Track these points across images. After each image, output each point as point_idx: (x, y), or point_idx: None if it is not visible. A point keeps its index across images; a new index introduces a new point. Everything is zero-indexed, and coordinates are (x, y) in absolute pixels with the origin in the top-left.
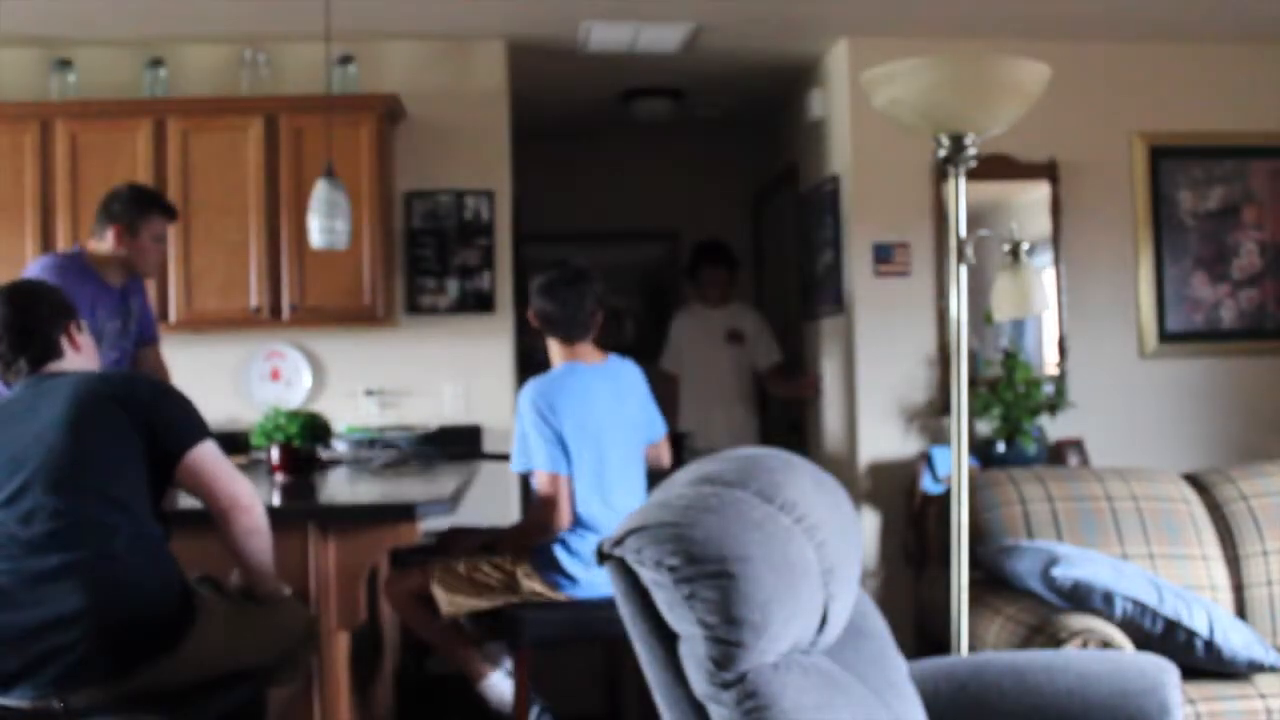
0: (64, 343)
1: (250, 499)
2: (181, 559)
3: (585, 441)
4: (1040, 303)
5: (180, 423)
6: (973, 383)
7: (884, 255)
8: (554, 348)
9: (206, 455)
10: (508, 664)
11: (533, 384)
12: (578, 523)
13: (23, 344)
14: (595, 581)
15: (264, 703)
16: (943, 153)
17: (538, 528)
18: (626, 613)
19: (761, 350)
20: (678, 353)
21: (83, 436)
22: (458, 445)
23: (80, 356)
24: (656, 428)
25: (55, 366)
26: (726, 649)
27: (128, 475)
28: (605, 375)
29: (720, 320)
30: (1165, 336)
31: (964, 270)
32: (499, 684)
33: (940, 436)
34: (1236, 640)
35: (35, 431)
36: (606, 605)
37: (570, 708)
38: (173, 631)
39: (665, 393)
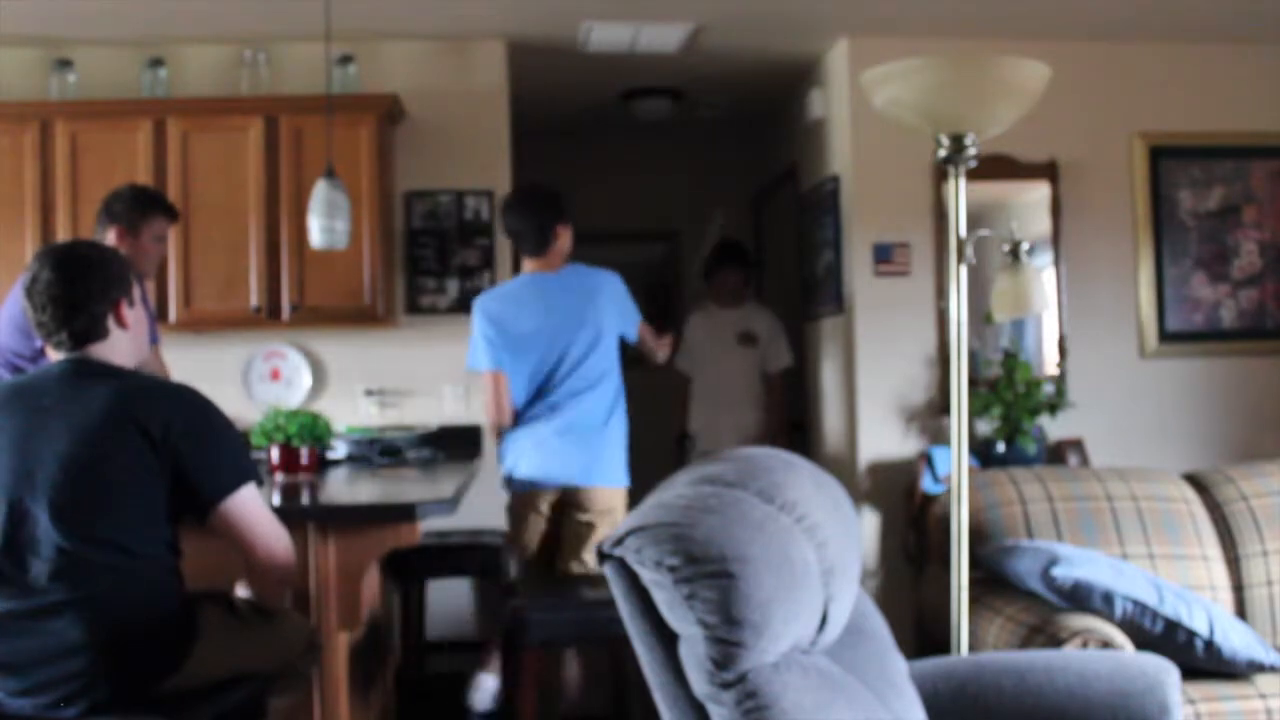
0: (111, 322)
1: (285, 555)
2: (188, 568)
3: (528, 344)
4: (1040, 303)
5: (216, 469)
6: (973, 383)
7: (884, 255)
8: (523, 262)
9: (242, 505)
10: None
11: (483, 293)
12: (524, 412)
13: (67, 318)
14: (526, 464)
15: (264, 705)
16: (943, 153)
17: (491, 424)
18: (626, 612)
19: (772, 353)
20: (689, 353)
21: (104, 479)
22: (458, 445)
23: (128, 336)
24: (624, 323)
25: (98, 350)
26: (726, 649)
27: (145, 523)
28: (558, 283)
29: (733, 321)
30: (1165, 336)
31: (964, 270)
32: (486, 682)
33: (940, 436)
34: (1236, 640)
35: (58, 450)
36: (610, 605)
37: (572, 708)
38: (176, 653)
39: (676, 393)
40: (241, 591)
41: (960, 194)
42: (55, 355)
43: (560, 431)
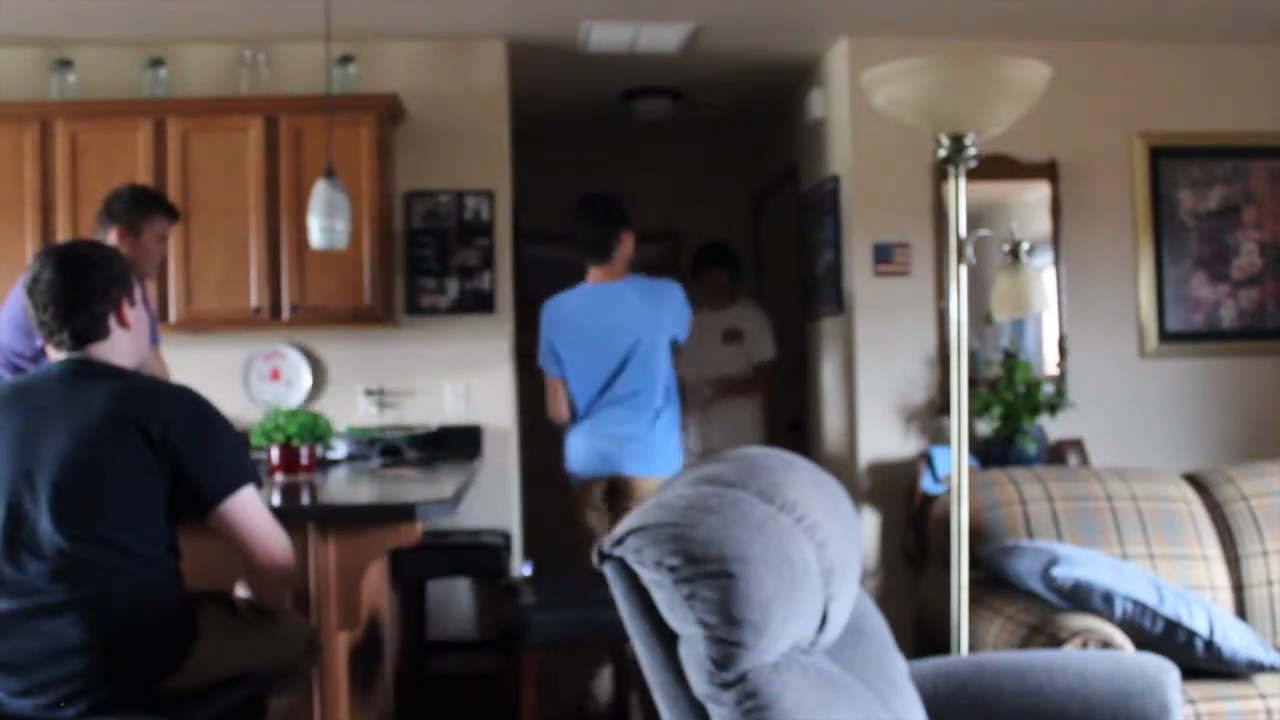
0: (112, 321)
1: (285, 556)
2: (188, 568)
3: (581, 348)
4: (1040, 303)
5: (215, 469)
6: (973, 383)
7: (884, 255)
8: (588, 269)
9: (241, 508)
10: None
11: (551, 299)
12: (577, 414)
13: (68, 318)
14: (584, 459)
15: (264, 705)
16: (943, 153)
17: (553, 419)
18: (626, 613)
19: (755, 347)
20: (679, 354)
21: (103, 480)
22: (458, 445)
23: (129, 336)
24: (679, 328)
25: (99, 350)
26: (726, 649)
27: (145, 524)
28: (619, 293)
29: (722, 321)
30: (1165, 336)
31: (964, 270)
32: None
33: (940, 436)
34: (1236, 640)
35: (58, 450)
36: (613, 607)
37: (576, 709)
38: (176, 653)
39: None
40: (241, 591)
41: (960, 194)
42: (56, 355)
43: (615, 427)
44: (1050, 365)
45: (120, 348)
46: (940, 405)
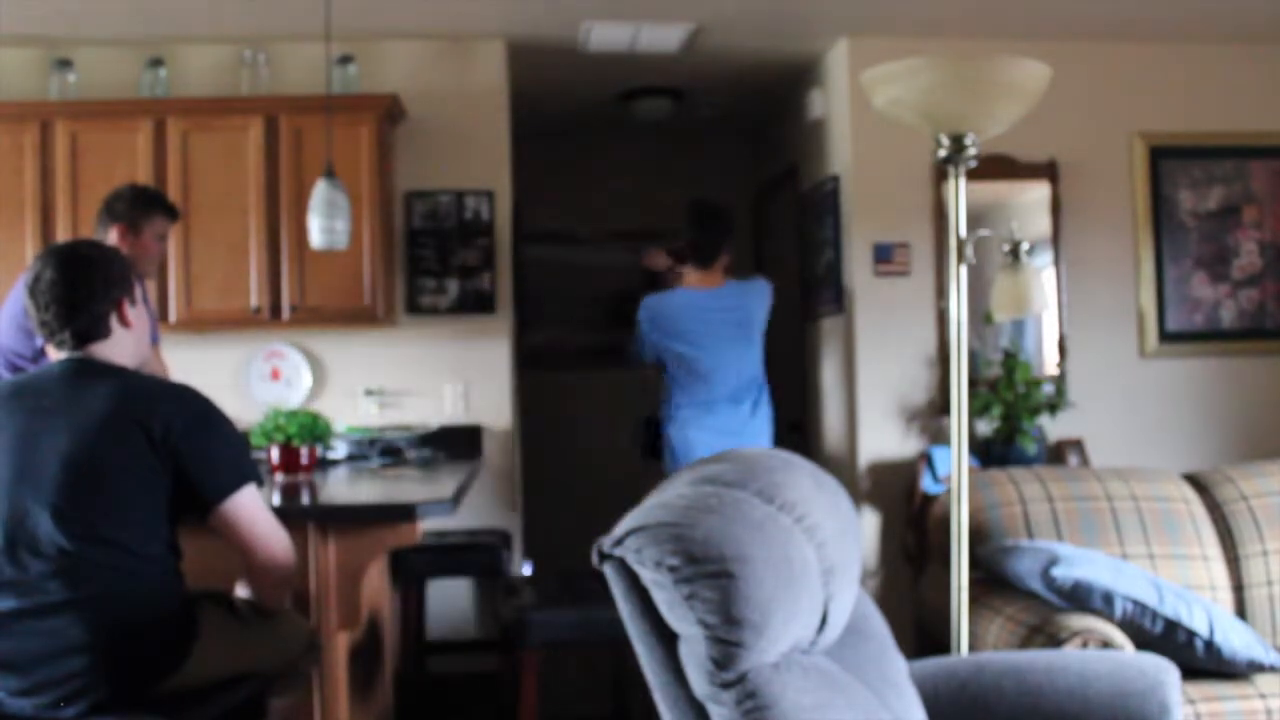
0: (113, 321)
1: (286, 556)
2: (188, 568)
3: (697, 347)
4: (1040, 303)
5: (216, 469)
6: (973, 383)
7: (884, 255)
8: (688, 273)
9: (242, 507)
10: None
11: (645, 301)
12: (682, 408)
13: (69, 317)
14: (690, 444)
15: (264, 705)
16: (943, 153)
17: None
18: (626, 613)
19: None
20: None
21: (104, 479)
22: (458, 445)
23: (130, 335)
24: (764, 320)
25: (100, 350)
26: (726, 649)
27: (146, 523)
28: (715, 294)
29: None
30: (1165, 336)
31: (964, 270)
32: None
33: (940, 436)
34: (1236, 640)
35: (59, 450)
36: (613, 607)
37: (576, 710)
38: (176, 653)
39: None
40: (241, 591)
41: (960, 194)
42: (57, 354)
43: (733, 421)
44: (1050, 365)
45: (121, 347)
46: (940, 405)
